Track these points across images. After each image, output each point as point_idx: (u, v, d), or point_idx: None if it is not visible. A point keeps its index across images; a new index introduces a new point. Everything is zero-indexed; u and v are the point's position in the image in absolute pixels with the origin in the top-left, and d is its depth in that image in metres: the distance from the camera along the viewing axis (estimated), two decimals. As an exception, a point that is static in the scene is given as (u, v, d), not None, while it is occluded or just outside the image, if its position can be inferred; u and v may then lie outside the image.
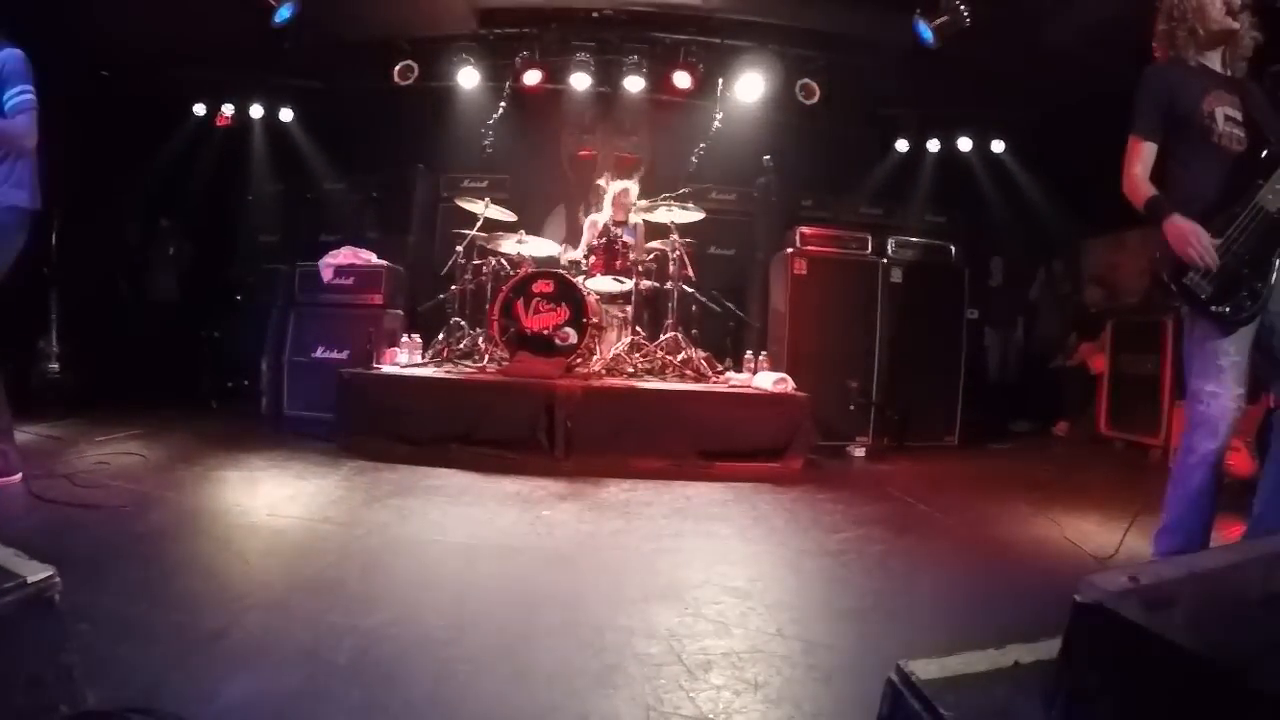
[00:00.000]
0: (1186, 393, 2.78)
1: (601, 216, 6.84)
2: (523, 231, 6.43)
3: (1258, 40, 2.87)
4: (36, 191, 3.60)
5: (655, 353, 6.09)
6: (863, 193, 8.64)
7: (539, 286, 5.90)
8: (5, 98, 3.38)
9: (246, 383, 6.63)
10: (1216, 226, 2.62)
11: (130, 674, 1.83)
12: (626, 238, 6.46)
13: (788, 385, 5.39)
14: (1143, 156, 2.81)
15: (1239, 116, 2.75)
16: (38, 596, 1.42)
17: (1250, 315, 2.62)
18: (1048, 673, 1.17)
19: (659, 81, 7.99)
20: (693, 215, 6.47)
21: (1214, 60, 2.86)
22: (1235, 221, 2.60)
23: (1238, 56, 2.87)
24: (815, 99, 7.89)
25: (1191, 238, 2.60)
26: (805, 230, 6.52)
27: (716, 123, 7.69)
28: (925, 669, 1.35)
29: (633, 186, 6.94)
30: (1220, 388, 2.65)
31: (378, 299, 6.25)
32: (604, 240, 6.32)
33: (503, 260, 6.48)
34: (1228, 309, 2.62)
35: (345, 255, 6.45)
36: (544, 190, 8.33)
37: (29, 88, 3.42)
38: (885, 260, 6.52)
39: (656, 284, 6.45)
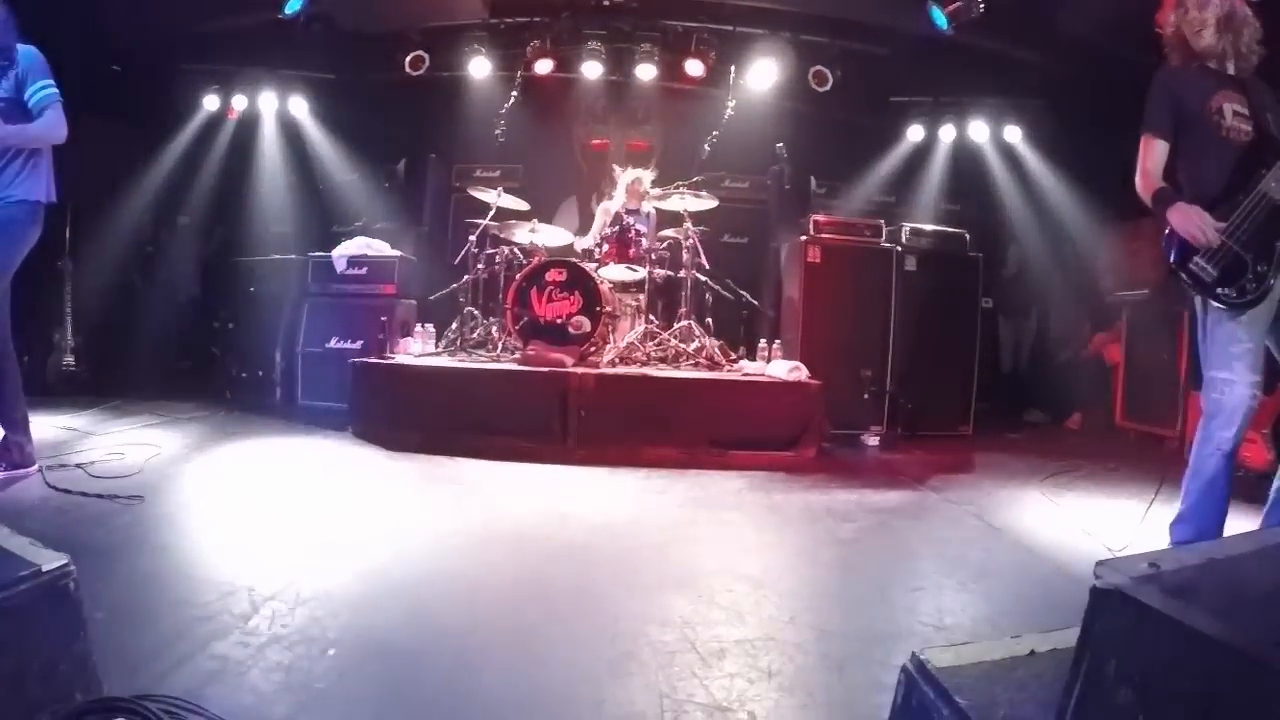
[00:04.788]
0: (1202, 382, 2.84)
1: (614, 204, 6.82)
2: (536, 220, 6.41)
3: (1260, 52, 2.94)
4: (52, 185, 3.63)
5: (669, 341, 6.06)
6: (876, 180, 8.52)
7: (552, 275, 5.88)
8: (29, 94, 3.42)
9: (260, 373, 6.65)
10: (1222, 213, 2.72)
11: (145, 662, 1.84)
12: (639, 226, 6.44)
13: (801, 374, 5.37)
14: (1154, 154, 2.90)
15: (1246, 111, 2.84)
16: (53, 585, 1.43)
17: (1255, 298, 2.70)
18: (1064, 661, 1.15)
19: (671, 70, 7.92)
20: (706, 203, 6.46)
21: (1222, 64, 2.93)
22: (1239, 208, 2.70)
23: (1243, 60, 2.93)
24: (828, 86, 7.81)
25: (1194, 215, 2.72)
26: (819, 218, 6.47)
27: (729, 111, 7.64)
28: (940, 657, 1.35)
29: (645, 174, 6.92)
30: (1235, 375, 2.71)
31: (390, 289, 6.27)
32: (617, 228, 6.31)
33: (516, 249, 6.46)
34: (1233, 292, 2.70)
35: (358, 246, 6.47)
36: (557, 179, 8.30)
37: (51, 82, 3.48)
38: (899, 248, 6.46)
39: (670, 272, 6.42)
